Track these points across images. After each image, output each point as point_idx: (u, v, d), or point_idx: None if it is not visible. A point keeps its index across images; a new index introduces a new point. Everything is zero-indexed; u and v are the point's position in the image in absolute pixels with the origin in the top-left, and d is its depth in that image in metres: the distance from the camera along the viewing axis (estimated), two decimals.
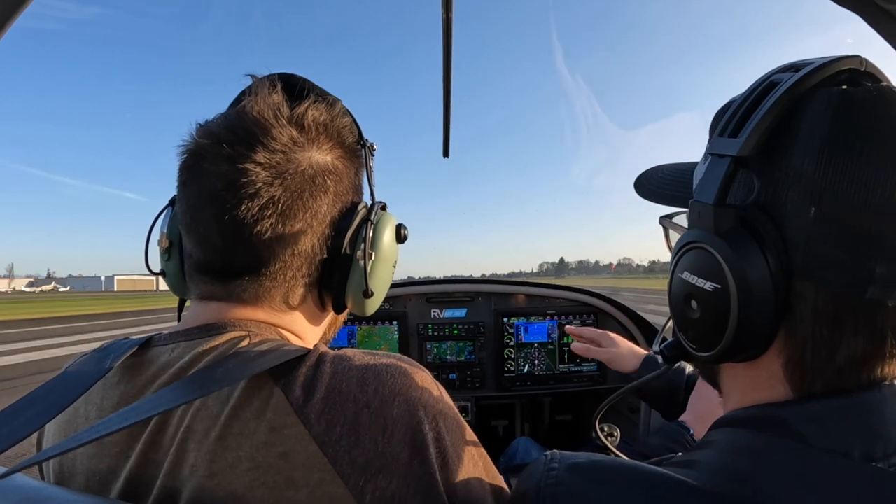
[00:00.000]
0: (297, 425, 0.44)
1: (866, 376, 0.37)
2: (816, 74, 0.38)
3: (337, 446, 0.43)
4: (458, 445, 0.50)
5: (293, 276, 0.55)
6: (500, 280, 2.11)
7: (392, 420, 0.45)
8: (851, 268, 0.36)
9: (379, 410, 0.45)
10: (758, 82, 0.42)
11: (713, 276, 0.40)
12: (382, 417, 0.45)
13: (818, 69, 0.38)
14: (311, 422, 0.44)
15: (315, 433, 0.43)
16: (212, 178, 0.51)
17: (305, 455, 0.43)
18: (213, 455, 0.43)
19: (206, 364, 0.48)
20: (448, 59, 1.08)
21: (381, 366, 0.49)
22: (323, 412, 0.44)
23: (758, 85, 0.42)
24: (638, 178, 0.60)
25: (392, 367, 0.49)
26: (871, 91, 0.37)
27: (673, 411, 1.02)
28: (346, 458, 0.43)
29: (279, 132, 0.52)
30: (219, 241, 0.52)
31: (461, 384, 1.94)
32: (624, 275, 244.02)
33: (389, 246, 0.62)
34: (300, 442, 0.43)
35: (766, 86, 0.41)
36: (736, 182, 0.41)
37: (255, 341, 0.51)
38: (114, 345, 0.54)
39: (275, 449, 0.43)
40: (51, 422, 0.51)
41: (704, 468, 0.38)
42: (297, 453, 0.43)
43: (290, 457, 0.43)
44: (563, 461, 0.42)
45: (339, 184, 0.57)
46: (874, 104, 0.36)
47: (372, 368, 0.48)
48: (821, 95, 0.37)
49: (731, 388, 0.46)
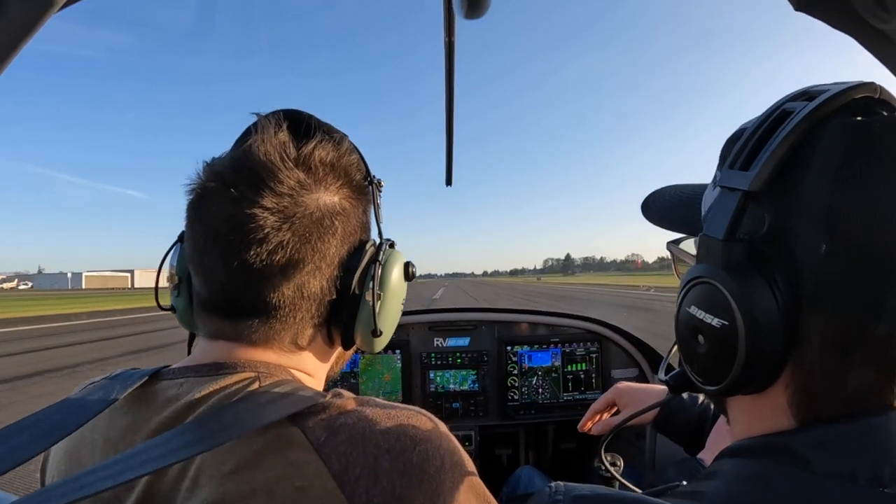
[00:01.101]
0: (316, 462, 0.44)
1: (875, 402, 0.37)
2: (831, 103, 0.37)
3: (356, 485, 0.44)
4: (470, 497, 0.51)
5: (302, 317, 0.55)
6: (503, 308, 2.10)
7: (411, 466, 0.46)
8: (863, 298, 0.35)
9: (399, 456, 0.47)
10: (769, 111, 0.41)
11: (721, 312, 0.39)
12: (402, 462, 0.46)
13: (832, 98, 0.37)
14: (332, 460, 0.45)
15: (334, 471, 0.44)
16: (218, 220, 0.51)
17: (323, 491, 0.43)
18: (227, 487, 0.43)
19: (214, 404, 0.48)
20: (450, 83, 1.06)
21: (403, 415, 0.51)
22: (343, 453, 0.45)
23: (769, 114, 0.41)
24: (645, 201, 0.60)
25: (413, 418, 0.51)
26: (887, 121, 0.37)
27: (696, 446, 0.97)
28: (364, 496, 0.44)
29: (286, 175, 0.52)
30: (227, 282, 0.52)
31: (464, 412, 1.92)
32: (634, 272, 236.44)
33: (398, 284, 0.62)
34: (319, 478, 0.44)
35: (778, 115, 0.40)
36: (746, 215, 0.40)
37: (266, 383, 0.51)
38: (123, 374, 0.55)
39: (292, 482, 0.43)
40: (56, 446, 0.51)
41: (710, 499, 0.38)
42: (315, 488, 0.43)
43: (307, 491, 0.43)
44: (568, 493, 0.42)
45: (347, 224, 0.57)
46: (889, 135, 0.36)
47: (394, 417, 0.50)
48: (835, 125, 0.37)
49: (738, 417, 0.46)
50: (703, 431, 0.97)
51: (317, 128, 0.59)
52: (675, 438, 1.02)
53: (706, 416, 0.98)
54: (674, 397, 0.52)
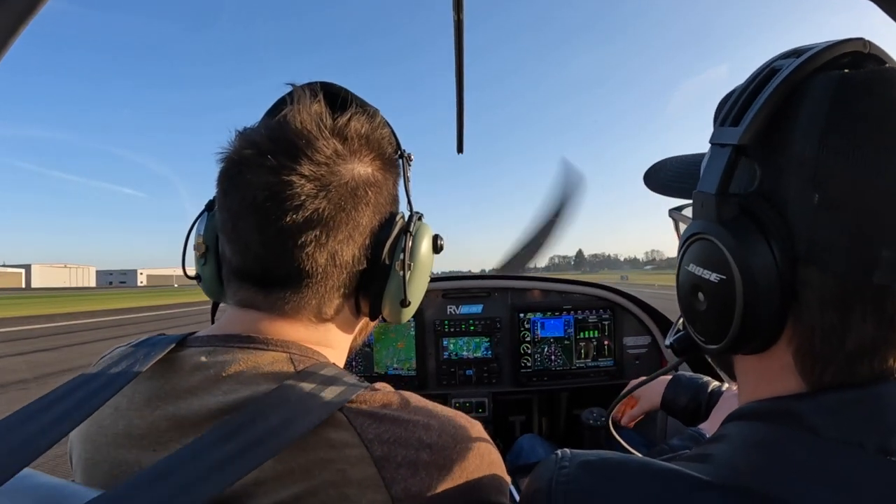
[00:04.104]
0: (359, 446, 0.46)
1: (878, 365, 0.37)
2: (817, 59, 0.37)
3: (395, 473, 0.45)
4: (501, 498, 0.54)
5: (332, 285, 0.56)
6: (516, 275, 2.11)
7: (451, 462, 0.49)
8: (857, 252, 0.35)
9: (440, 451, 0.49)
10: (759, 70, 0.42)
11: (718, 267, 0.39)
12: (442, 458, 0.48)
13: (818, 54, 0.38)
14: (375, 446, 0.46)
15: (376, 457, 0.46)
16: (254, 188, 0.51)
17: (363, 475, 0.45)
18: (264, 465, 0.42)
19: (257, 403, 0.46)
20: (460, 58, 1.09)
21: (444, 415, 0.53)
22: (387, 441, 0.47)
23: (759, 73, 0.41)
24: (647, 171, 0.60)
25: (454, 418, 0.53)
26: (873, 73, 0.37)
27: (693, 423, 1.01)
28: (402, 485, 0.45)
29: (323, 144, 0.53)
30: (261, 250, 0.52)
31: (478, 380, 1.95)
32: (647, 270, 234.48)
33: (426, 256, 0.63)
34: (360, 462, 0.45)
35: (766, 73, 0.40)
36: (738, 171, 0.40)
37: (300, 368, 0.51)
38: (148, 341, 0.55)
39: (333, 465, 0.44)
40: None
41: (718, 462, 0.38)
42: (355, 471, 0.45)
43: (347, 473, 0.44)
44: (574, 459, 0.42)
45: (380, 195, 0.58)
46: (875, 86, 0.36)
47: (436, 415, 0.52)
48: (821, 80, 0.37)
49: (745, 380, 0.46)
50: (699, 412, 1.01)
51: (351, 100, 0.60)
52: (680, 417, 1.07)
53: (701, 398, 1.02)
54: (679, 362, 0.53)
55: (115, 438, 0.49)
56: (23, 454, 0.40)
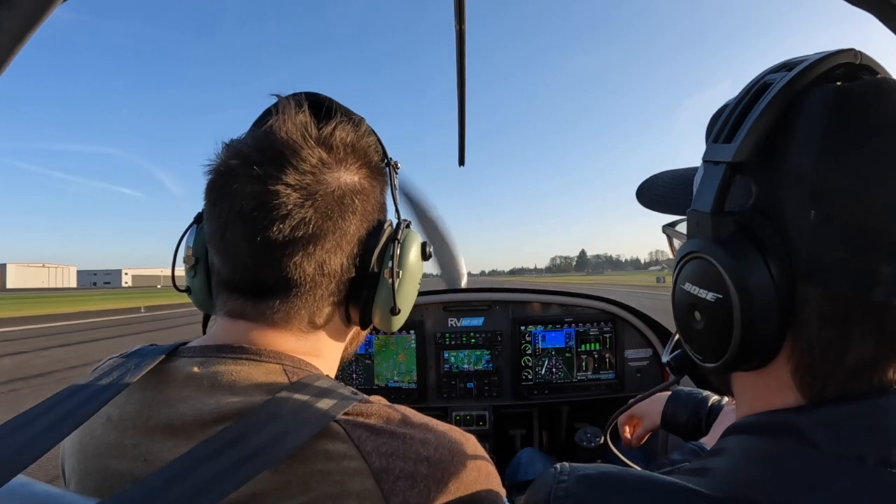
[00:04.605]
0: (358, 459, 0.46)
1: (878, 379, 0.36)
2: (810, 72, 0.37)
3: (394, 486, 0.46)
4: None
5: (322, 294, 0.56)
6: (517, 288, 2.10)
7: (448, 475, 0.49)
8: (856, 268, 0.35)
9: (438, 465, 0.49)
10: (751, 84, 0.41)
11: (714, 286, 0.39)
12: (440, 471, 0.49)
13: (811, 66, 0.37)
14: (373, 458, 0.46)
15: (374, 469, 0.46)
16: (241, 198, 0.51)
17: (362, 487, 0.45)
18: (260, 477, 0.42)
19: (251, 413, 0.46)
20: (462, 69, 1.10)
21: (441, 430, 0.53)
22: (385, 453, 0.47)
23: (751, 87, 0.41)
24: (640, 187, 0.60)
25: (450, 432, 0.54)
26: (870, 85, 0.36)
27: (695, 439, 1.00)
28: (401, 497, 0.45)
29: (308, 153, 0.53)
30: (249, 259, 0.53)
31: (478, 393, 1.94)
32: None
33: (415, 264, 0.63)
34: (359, 475, 0.45)
35: (758, 87, 0.40)
36: (733, 188, 0.40)
37: (294, 380, 0.51)
38: (139, 351, 0.55)
39: (331, 477, 0.44)
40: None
41: (717, 475, 0.38)
42: (354, 483, 0.45)
43: (345, 485, 0.44)
44: (573, 473, 0.42)
45: (367, 203, 0.58)
46: (871, 98, 0.35)
47: (433, 430, 0.52)
48: (816, 93, 0.37)
49: (742, 396, 0.46)
50: (699, 427, 1.01)
51: (336, 110, 0.60)
52: (681, 434, 1.07)
53: (700, 412, 1.01)
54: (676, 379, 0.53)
55: (107, 449, 0.49)
56: (14, 463, 0.40)
